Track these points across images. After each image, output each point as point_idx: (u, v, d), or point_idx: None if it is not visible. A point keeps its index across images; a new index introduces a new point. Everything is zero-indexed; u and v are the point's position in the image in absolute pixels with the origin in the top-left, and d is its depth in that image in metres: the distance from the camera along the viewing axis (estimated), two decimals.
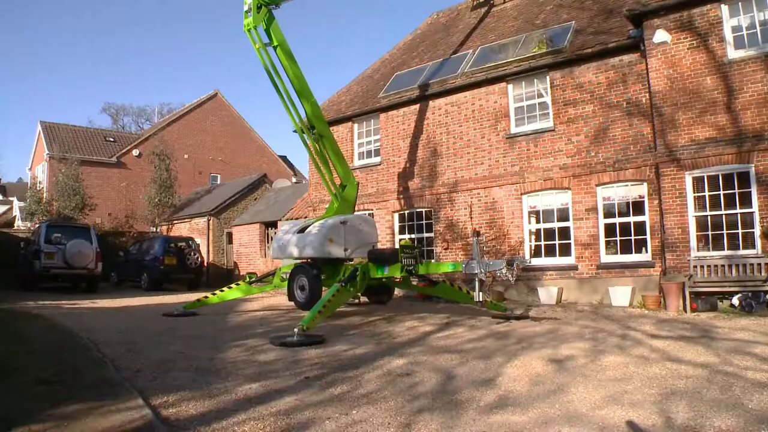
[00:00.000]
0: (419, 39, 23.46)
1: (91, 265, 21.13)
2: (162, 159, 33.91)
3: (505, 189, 16.55)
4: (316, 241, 13.00)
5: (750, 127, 12.50)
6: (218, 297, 13.77)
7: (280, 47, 13.51)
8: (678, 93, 13.53)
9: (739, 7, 13.00)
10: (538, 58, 16.20)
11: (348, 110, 20.84)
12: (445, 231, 17.69)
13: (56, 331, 10.41)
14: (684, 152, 13.29)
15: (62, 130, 38.62)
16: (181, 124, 41.29)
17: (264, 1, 13.06)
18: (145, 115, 62.88)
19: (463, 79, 17.72)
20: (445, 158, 18.01)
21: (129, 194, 36.70)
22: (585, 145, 15.20)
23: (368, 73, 23.27)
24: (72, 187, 30.68)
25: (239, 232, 28.46)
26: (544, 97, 16.18)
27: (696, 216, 13.17)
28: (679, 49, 13.60)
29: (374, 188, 19.73)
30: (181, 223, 32.04)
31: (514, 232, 16.24)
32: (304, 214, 22.74)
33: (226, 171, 41.79)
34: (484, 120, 17.21)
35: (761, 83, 12.46)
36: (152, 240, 26.19)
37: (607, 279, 14.45)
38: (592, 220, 14.94)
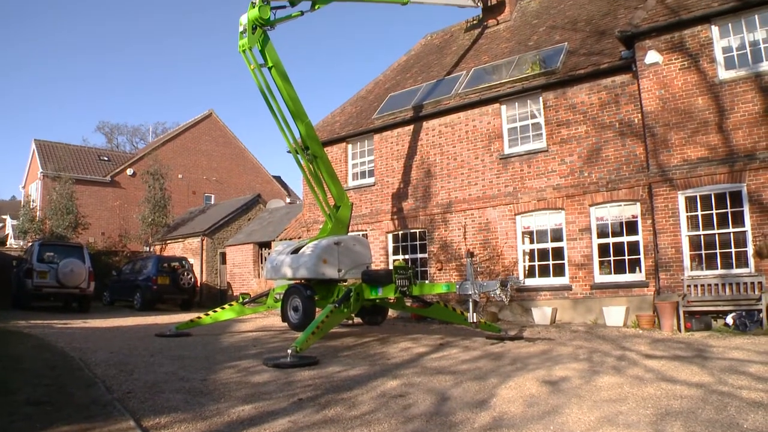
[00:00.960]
0: (413, 60, 23.60)
1: (84, 284, 21.03)
2: (156, 178, 33.89)
3: (498, 210, 16.59)
4: (309, 262, 12.96)
5: (741, 147, 12.61)
6: (211, 317, 13.70)
7: (274, 68, 13.55)
8: (670, 113, 13.64)
9: (729, 29, 13.17)
10: (531, 79, 16.32)
11: (342, 131, 20.91)
12: (439, 252, 17.70)
13: (47, 351, 10.33)
14: (676, 172, 13.38)
15: (56, 149, 38.61)
16: (176, 143, 41.30)
17: (259, 23, 13.11)
18: (139, 135, 63.07)
19: (456, 100, 17.83)
20: (439, 179, 18.06)
21: (122, 213, 36.65)
22: (578, 166, 15.27)
23: (362, 94, 23.37)
24: (65, 205, 30.59)
25: (233, 253, 28.39)
26: (537, 117, 16.28)
27: (689, 235, 13.23)
28: (671, 69, 13.74)
29: (368, 209, 19.75)
30: (174, 242, 31.95)
31: (508, 253, 16.25)
32: (298, 235, 22.71)
33: (220, 191, 41.77)
34: (478, 141, 17.29)
35: (752, 103, 12.60)
36: (145, 260, 26.08)
37: (601, 299, 14.46)
38: (586, 240, 14.97)
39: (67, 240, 27.75)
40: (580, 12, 18.79)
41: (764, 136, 12.38)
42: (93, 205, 35.60)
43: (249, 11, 13.05)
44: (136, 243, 33.87)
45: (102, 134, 64.00)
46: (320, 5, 14.61)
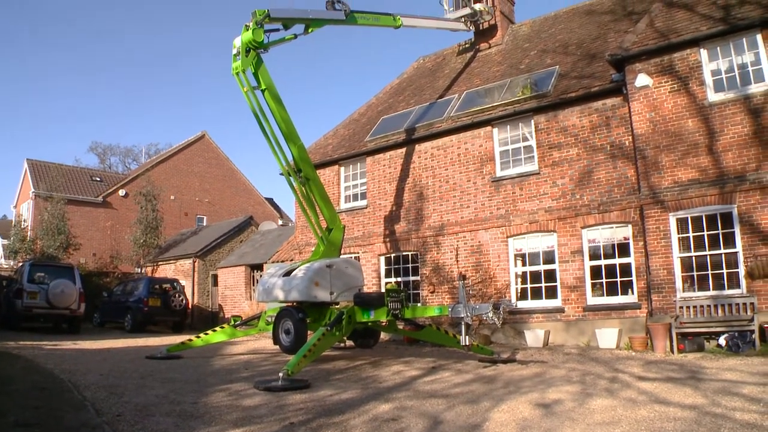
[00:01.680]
0: (406, 83, 23.73)
1: (74, 305, 20.87)
2: (148, 200, 33.85)
3: (491, 232, 16.61)
4: (301, 285, 12.93)
5: (732, 168, 12.71)
6: (203, 340, 13.63)
7: (267, 91, 13.60)
8: (660, 135, 13.75)
9: (718, 52, 13.35)
10: (522, 102, 16.43)
11: (335, 153, 20.96)
12: (431, 274, 17.68)
13: (36, 373, 10.22)
14: (667, 194, 13.45)
15: (49, 169, 38.50)
16: (168, 164, 41.30)
17: (253, 45, 13.18)
18: (132, 155, 63.03)
19: (449, 123, 17.92)
20: (431, 201, 18.10)
21: (114, 234, 36.53)
22: (570, 188, 15.34)
23: (355, 116, 23.46)
24: (57, 226, 30.47)
25: (225, 275, 28.29)
26: (529, 140, 16.38)
27: (681, 257, 13.27)
28: (661, 92, 13.88)
29: (360, 231, 19.74)
30: (166, 264, 31.82)
31: (501, 275, 16.25)
32: (290, 257, 22.64)
33: (212, 213, 41.72)
34: (470, 163, 17.36)
35: (741, 125, 12.73)
36: (137, 281, 25.96)
37: (594, 321, 14.45)
38: (578, 262, 14.99)
39: (58, 260, 27.61)
40: (571, 36, 18.98)
41: (754, 158, 12.49)
42: (84, 226, 35.48)
43: (243, 34, 13.12)
44: (128, 264, 33.74)
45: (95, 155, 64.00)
46: (313, 29, 14.71)
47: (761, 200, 12.28)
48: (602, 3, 20.13)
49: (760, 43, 12.83)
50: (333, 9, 15.14)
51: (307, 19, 14.43)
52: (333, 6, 15.14)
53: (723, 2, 13.85)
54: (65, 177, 37.93)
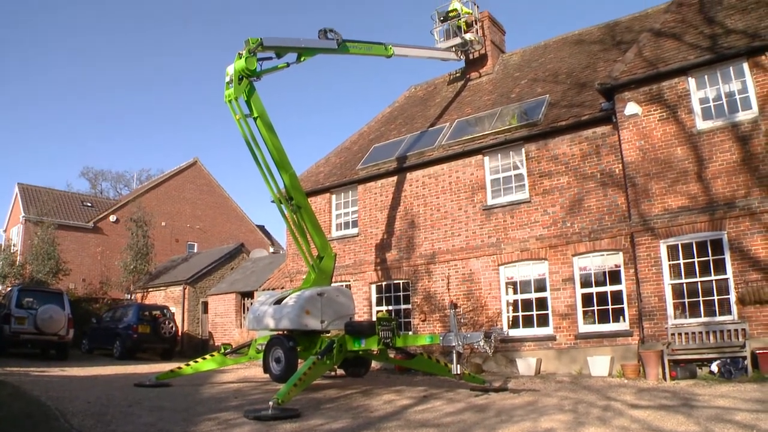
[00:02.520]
0: (397, 112, 23.88)
1: (63, 331, 20.62)
2: (139, 226, 33.69)
3: (482, 260, 16.62)
4: (292, 313, 12.88)
5: (721, 195, 12.80)
6: (192, 368, 13.52)
7: (260, 118, 13.65)
8: (650, 163, 13.86)
9: (706, 80, 13.53)
10: (513, 130, 16.55)
11: (326, 181, 21.00)
12: (422, 303, 17.64)
13: (23, 400, 10.12)
14: (658, 221, 13.52)
15: (40, 193, 38.31)
16: (160, 191, 41.22)
17: (245, 73, 13.26)
18: (123, 181, 62.78)
19: (440, 152, 18.01)
20: (423, 230, 18.12)
21: (104, 260, 36.28)
22: (561, 216, 15.40)
23: (347, 144, 23.55)
24: (47, 251, 30.20)
25: (215, 302, 28.15)
26: (520, 169, 16.46)
27: (672, 284, 13.30)
28: (650, 120, 14.02)
29: (352, 259, 19.71)
30: (156, 291, 31.65)
31: (492, 304, 16.23)
32: (281, 285, 22.58)
33: (203, 239, 41.59)
34: (461, 192, 17.42)
35: (729, 152, 12.86)
36: (126, 307, 25.74)
37: (586, 349, 14.41)
38: (570, 290, 15.00)
39: (47, 286, 27.37)
40: (561, 65, 19.19)
41: (743, 185, 12.60)
42: (75, 251, 35.24)
43: (236, 62, 13.21)
44: (118, 290, 33.48)
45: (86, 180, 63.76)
46: (306, 57, 14.81)
47: (751, 226, 12.35)
48: (591, 32, 20.41)
49: (746, 72, 13.02)
50: (325, 38, 15.27)
51: (299, 48, 14.54)
52: (325, 35, 15.26)
53: (710, 32, 14.07)
54: (56, 202, 37.76)
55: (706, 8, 15.02)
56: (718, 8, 14.72)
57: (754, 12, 13.78)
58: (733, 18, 14.05)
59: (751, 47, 12.84)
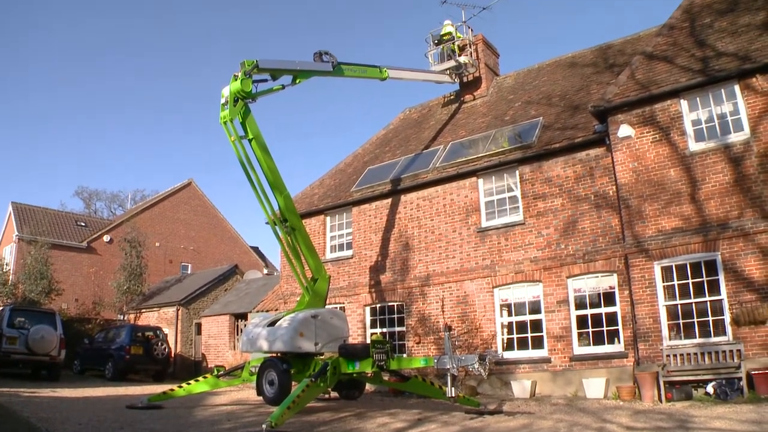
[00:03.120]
0: (392, 134, 23.97)
1: (54, 352, 20.42)
2: (133, 246, 33.57)
3: (476, 282, 16.62)
4: (286, 335, 12.82)
5: (714, 216, 12.86)
6: (185, 390, 13.42)
7: (255, 140, 13.68)
8: (644, 185, 13.93)
9: (698, 102, 13.66)
10: (507, 153, 16.62)
11: (321, 203, 21.02)
12: (417, 325, 17.58)
13: (12, 421, 10.02)
14: (652, 242, 13.56)
15: (33, 212, 38.22)
16: (154, 211, 41.15)
17: (241, 95, 13.31)
18: (118, 201, 62.57)
19: (434, 174, 18.07)
20: (417, 252, 18.12)
21: (97, 280, 36.10)
22: (555, 238, 15.43)
23: (341, 167, 23.61)
24: (40, 270, 30.02)
25: (208, 323, 28.00)
26: (514, 191, 16.52)
27: (666, 305, 13.30)
28: (643, 142, 14.12)
29: (346, 281, 19.68)
30: (149, 311, 31.46)
31: (487, 326, 16.19)
32: (275, 307, 22.51)
33: (197, 260, 41.47)
34: (456, 214, 17.46)
35: (722, 173, 12.94)
36: (119, 328, 25.56)
37: (581, 371, 14.37)
38: (564, 312, 14.99)
39: (40, 305, 27.17)
40: (555, 87, 19.33)
41: (736, 206, 12.67)
42: (68, 271, 35.08)
43: (231, 84, 13.27)
44: (110, 311, 33.27)
45: (80, 199, 63.35)
46: (301, 80, 14.88)
47: (744, 247, 12.40)
48: (584, 55, 20.59)
49: (738, 94, 13.16)
50: (321, 60, 15.34)
51: (295, 70, 14.61)
52: (321, 57, 15.34)
53: (701, 54, 14.22)
54: (50, 221, 37.66)
55: (697, 31, 15.19)
56: (709, 31, 14.88)
57: (745, 35, 13.95)
58: (723, 41, 14.20)
59: (742, 69, 12.99)
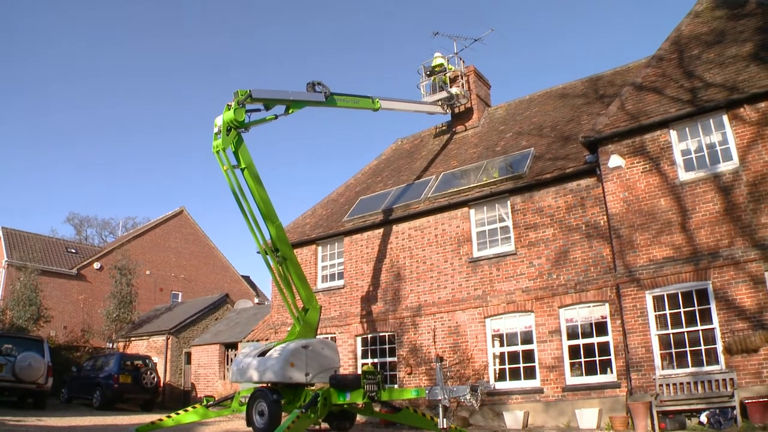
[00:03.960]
0: (384, 164, 24.06)
1: (42, 379, 20.10)
2: (123, 274, 33.38)
3: (468, 313, 16.58)
4: (277, 365, 12.73)
5: (705, 245, 12.91)
6: (173, 420, 13.27)
7: (247, 169, 13.71)
8: (634, 215, 14.00)
9: (687, 132, 13.81)
10: (498, 183, 16.69)
11: (312, 233, 21.01)
12: (408, 355, 17.49)
13: None
14: (643, 272, 13.58)
15: (24, 238, 37.95)
16: (145, 239, 41.01)
17: (234, 125, 13.36)
18: (109, 228, 62.34)
19: (426, 204, 18.11)
20: (409, 282, 18.09)
21: (87, 308, 35.83)
22: (546, 268, 15.44)
23: (333, 196, 23.65)
24: (29, 296, 29.74)
25: (198, 353, 27.78)
26: (506, 221, 16.56)
27: (659, 334, 13.27)
28: (634, 172, 14.21)
29: (337, 312, 19.60)
30: (139, 340, 31.22)
31: (478, 356, 16.12)
32: (266, 337, 22.39)
33: (188, 289, 41.28)
34: (447, 244, 17.48)
35: (712, 203, 13.03)
36: (108, 356, 25.28)
37: (574, 401, 14.29)
38: (556, 342, 14.94)
39: (28, 332, 26.88)
40: (545, 118, 19.49)
41: (726, 235, 12.73)
42: (57, 298, 34.79)
43: (224, 113, 13.33)
44: (99, 339, 32.98)
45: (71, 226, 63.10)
46: (294, 110, 14.96)
47: (735, 276, 12.43)
48: (575, 86, 20.81)
49: (726, 124, 13.32)
50: (313, 91, 15.43)
51: (287, 101, 14.69)
52: (313, 88, 15.44)
53: (690, 85, 14.39)
54: (40, 247, 37.41)
55: (685, 63, 15.39)
56: (697, 62, 15.08)
57: (732, 66, 14.14)
58: (711, 72, 14.39)
59: (730, 100, 13.16)
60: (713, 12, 16.62)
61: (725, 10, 16.38)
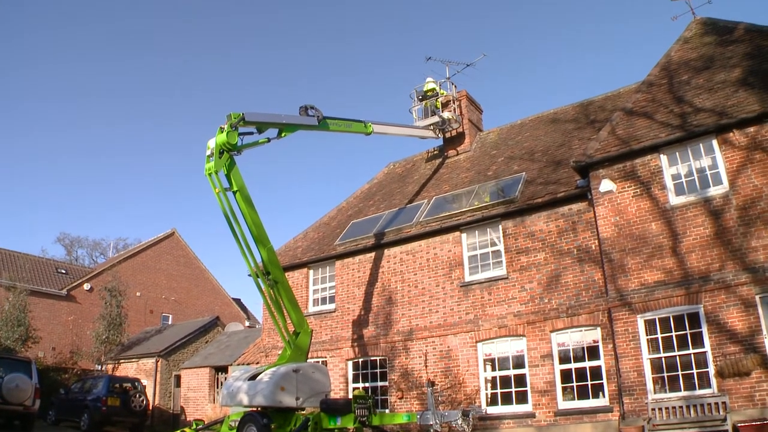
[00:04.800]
0: (376, 188, 24.09)
1: (29, 401, 19.80)
2: (113, 295, 33.20)
3: (460, 337, 16.53)
4: (267, 389, 12.66)
5: (696, 269, 12.95)
6: None
7: (239, 192, 13.73)
8: (626, 239, 14.04)
9: (677, 157, 13.92)
10: (490, 207, 16.73)
11: (304, 256, 20.97)
12: (399, 380, 17.39)
13: None
14: (635, 296, 13.59)
15: (13, 258, 37.67)
16: (136, 260, 40.84)
17: (226, 147, 13.39)
18: (100, 249, 62.14)
19: (418, 228, 18.13)
20: (400, 306, 18.05)
21: (76, 329, 35.53)
22: (538, 292, 15.44)
23: (325, 220, 23.64)
24: (17, 317, 29.44)
25: (188, 376, 27.58)
26: (497, 245, 16.57)
27: (650, 358, 13.25)
28: (625, 197, 14.29)
29: (328, 335, 19.51)
30: (128, 362, 30.98)
31: (470, 381, 16.05)
32: (256, 360, 22.27)
33: (178, 311, 41.08)
34: (439, 268, 17.47)
35: (702, 227, 13.10)
36: (96, 379, 25.03)
37: (566, 426, 14.22)
38: (548, 366, 14.90)
39: (15, 353, 26.59)
40: (537, 143, 19.59)
41: (717, 258, 12.77)
42: (46, 319, 34.47)
43: (217, 136, 13.37)
44: (88, 361, 32.70)
45: (62, 246, 62.86)
46: (287, 133, 15.02)
47: (726, 299, 12.45)
48: (566, 111, 20.96)
49: (716, 148, 13.44)
50: (306, 115, 15.51)
51: (280, 124, 14.76)
52: (306, 112, 15.51)
53: (679, 110, 14.53)
54: (30, 267, 37.14)
55: (675, 88, 15.55)
56: (686, 88, 15.24)
57: (721, 91, 14.30)
58: (701, 97, 14.54)
59: (719, 125, 13.30)
60: (702, 38, 16.84)
61: (714, 37, 16.60)
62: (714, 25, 17.10)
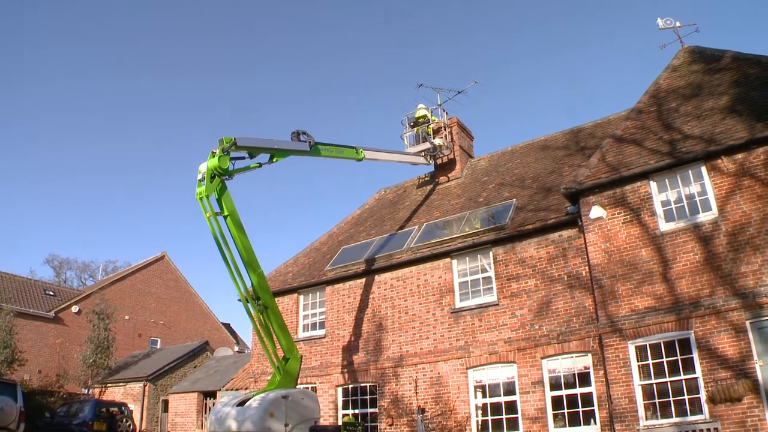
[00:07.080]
0: (367, 214, 24.11)
1: (13, 425, 19.50)
2: (102, 318, 33.06)
3: (450, 363, 16.46)
4: (256, 415, 12.54)
5: (686, 295, 12.96)
6: None
7: (230, 217, 13.72)
8: (616, 265, 14.06)
9: (666, 183, 14.00)
10: (481, 234, 16.75)
11: (294, 282, 20.90)
12: (389, 406, 17.26)
13: None
14: (625, 322, 13.58)
15: (0, 279, 37.43)
16: (125, 283, 40.68)
17: (218, 172, 13.40)
18: (89, 271, 61.80)
19: (408, 255, 18.12)
20: (391, 332, 17.98)
21: (63, 352, 35.28)
22: (529, 319, 15.42)
23: (316, 245, 23.61)
24: (3, 339, 29.23)
25: (176, 401, 27.33)
26: (488, 271, 16.58)
27: (642, 384, 13.20)
28: (615, 223, 14.34)
29: (318, 361, 19.39)
30: (115, 386, 30.75)
31: (461, 407, 15.95)
32: (245, 386, 22.09)
33: (167, 335, 40.82)
34: (429, 295, 17.44)
35: (692, 252, 13.13)
36: (82, 403, 24.76)
37: None
38: (539, 393, 14.84)
39: (0, 376, 26.32)
40: (527, 170, 19.69)
41: (707, 284, 12.79)
42: (32, 341, 34.21)
43: (209, 160, 13.38)
44: (75, 384, 32.42)
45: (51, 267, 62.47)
46: (279, 158, 15.05)
47: (717, 325, 12.45)
48: (556, 138, 21.10)
49: (705, 175, 13.53)
50: (298, 140, 15.54)
51: (272, 149, 14.78)
52: (298, 137, 15.55)
53: (668, 137, 14.66)
54: (17, 288, 36.90)
55: (664, 115, 15.70)
56: (675, 115, 15.39)
57: (709, 118, 14.45)
58: (689, 124, 14.68)
59: (708, 152, 13.40)
60: (690, 66, 17.05)
61: (702, 65, 16.80)
62: (702, 53, 17.33)
